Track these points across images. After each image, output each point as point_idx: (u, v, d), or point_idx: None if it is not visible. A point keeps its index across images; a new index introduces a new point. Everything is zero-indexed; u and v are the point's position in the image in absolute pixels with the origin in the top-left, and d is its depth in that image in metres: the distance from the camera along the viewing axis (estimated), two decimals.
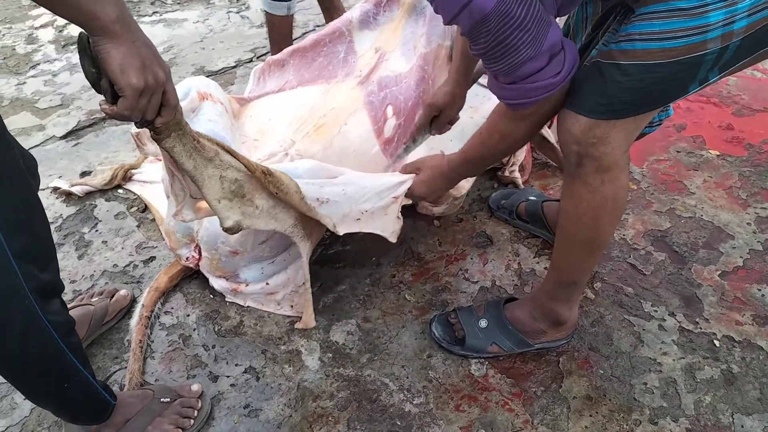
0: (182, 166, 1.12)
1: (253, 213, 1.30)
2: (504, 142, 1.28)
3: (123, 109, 0.86)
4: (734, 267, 1.68)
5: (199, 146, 1.13)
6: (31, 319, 1.01)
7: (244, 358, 1.51)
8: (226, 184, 1.22)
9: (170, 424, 1.32)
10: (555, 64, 1.07)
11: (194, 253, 1.63)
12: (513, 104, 1.15)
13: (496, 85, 1.15)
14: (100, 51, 0.81)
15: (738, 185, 1.95)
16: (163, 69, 0.88)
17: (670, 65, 0.99)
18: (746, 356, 1.47)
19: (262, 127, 1.76)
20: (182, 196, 1.27)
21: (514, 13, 0.95)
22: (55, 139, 2.31)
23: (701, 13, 0.93)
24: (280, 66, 1.90)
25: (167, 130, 1.02)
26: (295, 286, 1.59)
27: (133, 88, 0.84)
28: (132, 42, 0.82)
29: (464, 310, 1.53)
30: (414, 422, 1.36)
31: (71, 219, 1.94)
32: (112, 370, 1.50)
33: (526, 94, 1.10)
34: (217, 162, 1.19)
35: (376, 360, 1.49)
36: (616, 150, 1.12)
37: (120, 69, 0.82)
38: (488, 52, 1.03)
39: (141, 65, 0.83)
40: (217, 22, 3.17)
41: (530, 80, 1.07)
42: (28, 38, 3.08)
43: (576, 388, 1.42)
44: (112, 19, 0.79)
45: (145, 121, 0.94)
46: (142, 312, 1.57)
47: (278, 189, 1.31)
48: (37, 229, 1.04)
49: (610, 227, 1.26)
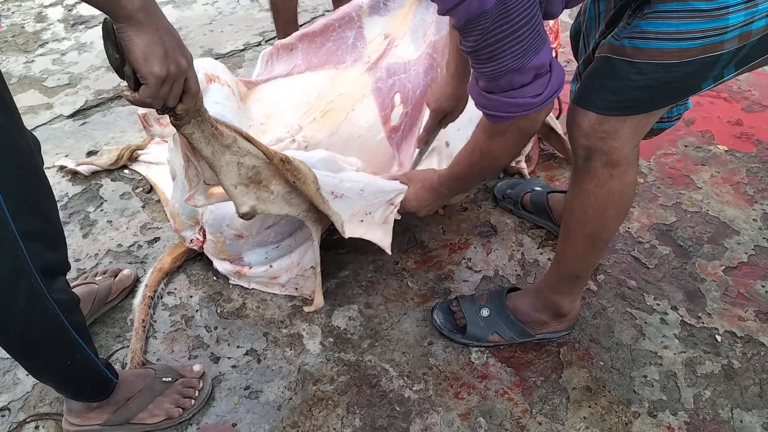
0: (201, 152, 1.12)
1: (268, 198, 1.30)
2: (484, 159, 1.25)
3: (145, 97, 0.86)
4: (739, 263, 1.68)
5: (218, 133, 1.13)
6: (36, 297, 1.02)
7: (245, 340, 1.52)
8: (243, 170, 1.22)
9: (171, 403, 1.33)
10: (538, 85, 1.03)
11: (198, 236, 1.63)
12: (488, 114, 1.11)
13: (476, 91, 1.10)
14: (124, 38, 0.81)
15: (745, 181, 1.93)
16: (185, 57, 0.88)
17: (685, 65, 0.98)
18: (747, 352, 1.46)
19: (269, 111, 1.76)
20: (196, 181, 1.27)
21: (513, 17, 0.91)
22: (63, 118, 2.32)
23: (721, 15, 0.91)
24: (289, 50, 1.89)
25: (187, 117, 1.02)
26: (301, 269, 1.59)
27: (156, 76, 0.83)
28: (155, 30, 0.82)
29: (466, 298, 1.53)
30: (413, 408, 1.37)
31: (77, 198, 1.94)
32: (114, 349, 1.51)
33: (502, 107, 1.07)
34: (235, 148, 1.19)
35: (377, 346, 1.50)
36: (626, 145, 1.11)
37: (143, 57, 0.81)
38: (477, 51, 0.98)
39: (164, 54, 0.83)
40: (226, 5, 3.16)
41: (509, 95, 1.04)
42: (37, 16, 3.08)
43: (576, 379, 1.42)
44: (137, 7, 0.79)
45: (167, 108, 0.93)
46: (146, 292, 1.58)
47: (296, 177, 1.31)
48: (44, 209, 1.05)
49: (616, 222, 1.25)
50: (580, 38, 1.32)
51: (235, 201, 1.25)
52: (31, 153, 1.02)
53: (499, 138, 1.17)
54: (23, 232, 0.96)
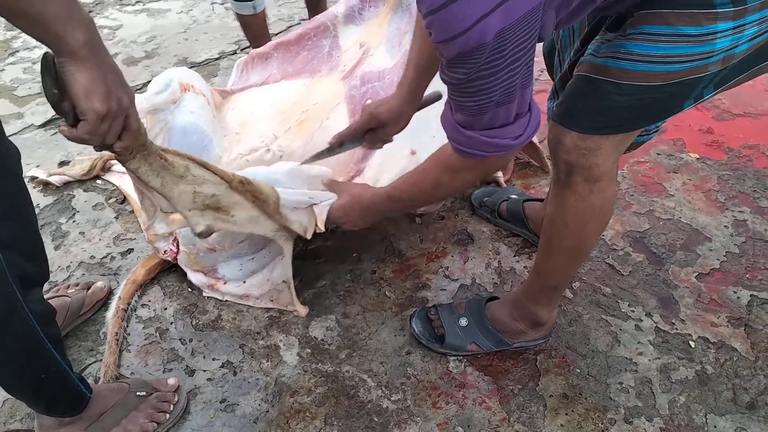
0: (149, 184, 1.11)
1: (227, 220, 1.29)
2: (440, 190, 1.19)
3: (83, 133, 0.84)
4: (711, 269, 1.70)
5: (168, 164, 1.11)
6: (12, 307, 1.00)
7: (221, 352, 1.50)
8: (200, 198, 1.21)
9: (145, 418, 1.31)
10: (518, 126, 0.98)
11: (172, 247, 1.61)
12: (461, 150, 1.04)
13: (451, 125, 1.03)
14: (65, 73, 0.79)
15: (716, 188, 1.97)
16: (127, 94, 0.86)
17: (670, 86, 0.98)
18: (720, 357, 1.48)
19: (244, 120, 1.75)
20: (152, 211, 1.26)
21: (509, 51, 0.85)
22: (34, 128, 2.28)
23: (709, 41, 0.92)
24: (264, 59, 1.88)
25: (131, 152, 1.00)
26: (272, 284, 1.58)
27: (96, 112, 0.82)
28: (99, 67, 0.80)
29: (444, 307, 1.53)
30: (391, 419, 1.36)
31: (48, 209, 1.91)
32: (87, 363, 1.48)
33: (479, 146, 1.01)
34: (189, 177, 1.17)
35: (354, 356, 1.49)
36: (607, 161, 1.12)
37: (84, 93, 0.80)
38: (464, 84, 0.91)
39: (106, 91, 0.81)
40: (201, 13, 3.14)
41: (489, 134, 0.98)
42: (8, 25, 3.03)
43: (552, 387, 1.42)
44: (81, 43, 0.77)
45: (105, 145, 0.92)
46: (119, 304, 1.56)
47: (256, 198, 1.29)
48: (24, 218, 1.04)
49: (596, 235, 1.26)
50: (555, 55, 1.33)
51: (189, 222, 1.23)
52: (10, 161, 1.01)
53: (464, 172, 1.11)
54: (1, 240, 0.94)
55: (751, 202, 1.91)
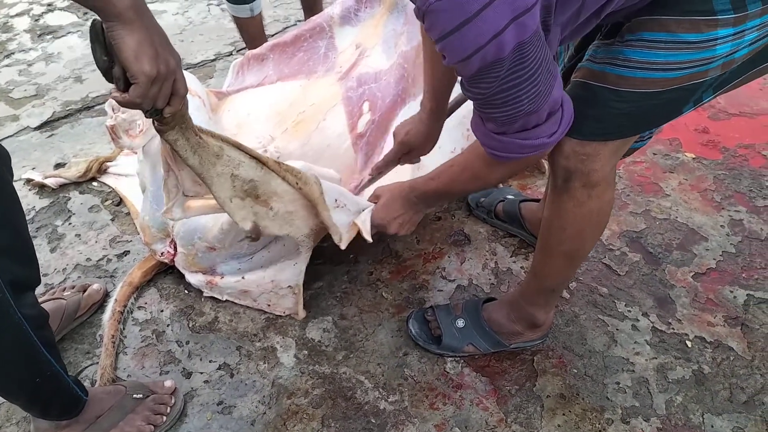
0: (186, 161, 1.09)
1: (266, 215, 1.26)
2: (475, 183, 1.21)
3: (135, 97, 0.85)
4: (707, 269, 1.70)
5: (203, 142, 1.10)
6: (5, 312, 1.00)
7: (218, 354, 1.50)
8: (239, 182, 1.18)
9: (142, 420, 1.31)
10: (552, 124, 0.99)
11: (169, 249, 1.61)
12: (497, 155, 1.05)
13: (483, 132, 1.04)
14: (114, 37, 0.79)
15: (713, 188, 1.97)
16: (174, 57, 0.87)
17: (670, 92, 0.98)
18: (717, 357, 1.49)
19: (240, 122, 1.75)
20: (174, 192, 1.23)
21: (529, 61, 0.85)
22: (29, 130, 2.28)
23: (709, 47, 0.91)
24: (260, 60, 1.88)
25: (173, 122, 0.99)
26: (275, 286, 1.57)
27: (147, 75, 0.82)
28: (146, 29, 0.81)
29: (441, 308, 1.53)
30: (389, 420, 1.36)
31: (44, 211, 1.90)
32: (83, 366, 1.48)
33: (514, 149, 1.02)
34: (225, 158, 1.14)
35: (351, 357, 1.49)
36: (605, 166, 1.11)
37: (134, 56, 0.80)
38: (488, 98, 0.92)
39: (154, 53, 0.82)
40: (197, 15, 3.14)
41: (523, 136, 0.99)
42: (3, 27, 3.03)
43: (550, 387, 1.43)
44: (127, 5, 0.78)
45: (155, 110, 0.92)
46: (115, 307, 1.55)
47: (297, 178, 1.24)
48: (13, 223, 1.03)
49: (593, 239, 1.26)
50: None
51: (235, 217, 1.20)
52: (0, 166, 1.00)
53: (500, 167, 1.12)
54: None
55: (747, 202, 1.91)
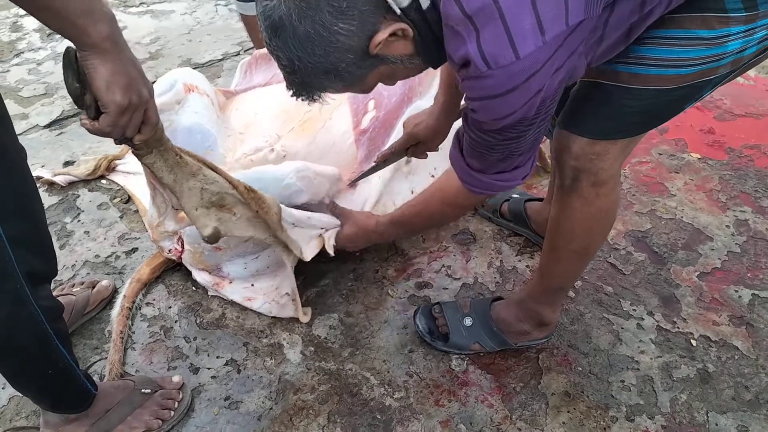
0: (162, 180, 1.12)
1: (230, 219, 1.30)
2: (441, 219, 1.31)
3: (105, 126, 0.86)
4: (712, 268, 1.71)
5: (182, 162, 1.13)
6: (21, 303, 1.01)
7: (225, 350, 1.51)
8: (207, 195, 1.22)
9: (150, 415, 1.32)
10: (527, 167, 1.07)
11: (177, 246, 1.62)
12: (472, 189, 1.14)
13: (461, 168, 1.12)
14: (88, 66, 0.81)
15: (718, 188, 1.97)
16: (147, 87, 0.88)
17: (681, 89, 0.99)
18: (722, 356, 1.49)
19: (248, 121, 1.76)
20: (164, 207, 1.27)
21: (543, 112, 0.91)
22: (39, 128, 2.30)
23: (721, 43, 0.92)
24: (268, 60, 1.89)
25: (147, 147, 1.01)
26: (278, 294, 1.58)
27: (118, 105, 0.84)
28: (120, 59, 0.82)
29: (449, 305, 1.53)
30: (394, 416, 1.37)
31: (53, 208, 1.92)
32: (92, 361, 1.49)
33: (490, 187, 1.10)
34: (200, 176, 1.19)
35: (357, 354, 1.50)
36: (614, 165, 1.12)
37: (106, 85, 0.82)
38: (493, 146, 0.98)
39: (127, 83, 0.83)
40: (205, 15, 3.16)
41: (501, 177, 1.07)
42: (13, 26, 3.05)
43: (554, 385, 1.43)
44: (103, 36, 0.79)
45: (125, 138, 0.93)
46: (124, 303, 1.57)
47: (260, 207, 1.31)
48: (33, 215, 1.05)
49: (601, 238, 1.27)
50: None
51: (197, 224, 1.24)
52: (19, 159, 1.02)
53: (468, 203, 1.22)
54: (10, 237, 0.95)
55: (752, 202, 1.91)
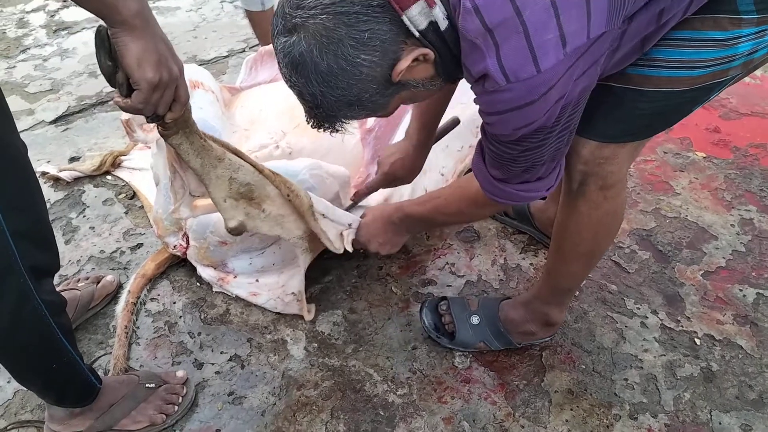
0: (189, 163, 1.13)
1: (257, 215, 1.30)
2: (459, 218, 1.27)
3: (137, 103, 0.87)
4: (717, 267, 1.71)
5: (207, 146, 1.13)
6: (25, 297, 1.01)
7: (229, 346, 1.52)
8: (235, 185, 1.22)
9: (154, 409, 1.33)
10: (552, 178, 1.05)
11: (182, 242, 1.63)
12: (494, 199, 1.11)
13: (484, 177, 1.08)
14: (119, 44, 0.82)
15: (723, 187, 1.97)
16: (177, 64, 0.90)
17: (693, 91, 0.98)
18: (726, 354, 1.49)
19: (253, 118, 1.76)
20: (182, 193, 1.27)
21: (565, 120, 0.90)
22: (45, 124, 2.30)
23: (733, 45, 0.92)
24: (273, 56, 1.87)
25: (175, 127, 1.02)
26: (283, 292, 1.58)
27: (149, 82, 0.85)
28: (150, 36, 0.83)
29: (456, 301, 1.52)
30: (397, 412, 1.37)
31: (59, 204, 1.93)
32: (96, 355, 1.50)
33: (513, 197, 1.07)
34: (227, 162, 1.19)
35: (361, 351, 1.50)
36: (622, 168, 1.12)
37: (137, 62, 0.82)
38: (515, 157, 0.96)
39: (157, 60, 0.84)
40: (210, 11, 3.16)
41: (524, 188, 1.04)
42: (19, 22, 3.06)
43: (558, 383, 1.43)
44: (133, 13, 0.80)
45: (156, 116, 0.94)
46: (128, 298, 1.57)
47: (289, 190, 1.30)
48: (35, 209, 1.05)
49: (609, 240, 1.27)
50: None
51: (224, 215, 1.24)
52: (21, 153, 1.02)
53: (489, 208, 1.19)
54: (13, 231, 0.96)
55: (757, 201, 1.91)
